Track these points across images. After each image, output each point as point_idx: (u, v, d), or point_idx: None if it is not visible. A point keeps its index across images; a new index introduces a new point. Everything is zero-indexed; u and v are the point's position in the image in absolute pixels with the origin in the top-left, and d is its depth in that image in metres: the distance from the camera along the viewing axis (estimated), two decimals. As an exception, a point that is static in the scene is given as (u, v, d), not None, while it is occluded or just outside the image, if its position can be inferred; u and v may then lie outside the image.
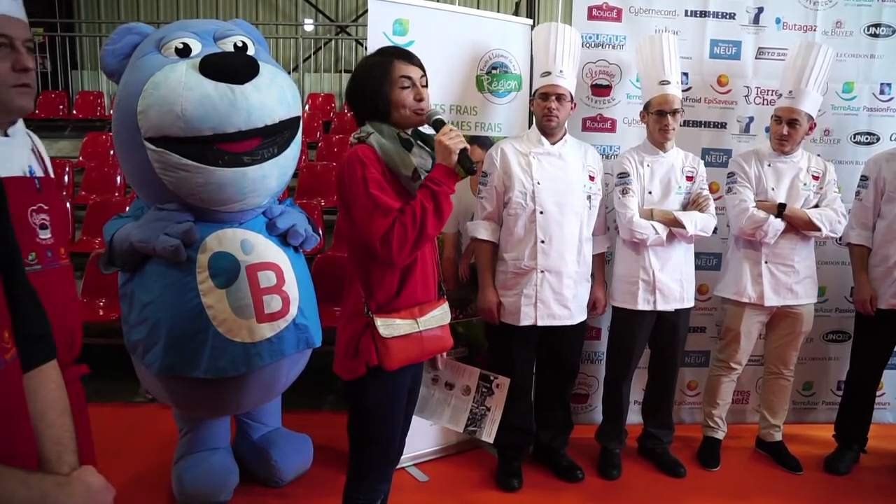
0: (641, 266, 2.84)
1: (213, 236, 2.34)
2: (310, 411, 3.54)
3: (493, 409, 2.50)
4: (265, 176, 2.34)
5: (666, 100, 2.80)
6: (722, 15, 3.21)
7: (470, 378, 2.49)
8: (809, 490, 2.96)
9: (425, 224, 1.74)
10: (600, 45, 3.13)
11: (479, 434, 2.51)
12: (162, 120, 2.16)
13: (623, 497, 2.85)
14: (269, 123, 2.27)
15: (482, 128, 3.02)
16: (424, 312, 1.88)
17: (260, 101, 2.23)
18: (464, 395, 2.48)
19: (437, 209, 1.75)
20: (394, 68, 1.83)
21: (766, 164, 2.97)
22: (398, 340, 1.81)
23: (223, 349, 2.29)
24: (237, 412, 2.70)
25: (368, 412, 1.89)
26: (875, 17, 3.30)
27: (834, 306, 3.47)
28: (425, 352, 1.90)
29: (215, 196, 2.29)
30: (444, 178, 1.77)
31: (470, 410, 2.49)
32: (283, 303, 2.42)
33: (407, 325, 1.83)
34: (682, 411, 3.47)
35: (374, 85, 1.82)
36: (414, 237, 1.73)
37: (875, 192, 3.02)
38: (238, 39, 2.40)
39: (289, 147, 2.41)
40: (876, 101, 3.36)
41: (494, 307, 2.74)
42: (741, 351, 3.06)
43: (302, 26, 8.46)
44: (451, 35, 2.86)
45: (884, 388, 3.42)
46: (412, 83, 1.83)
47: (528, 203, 2.68)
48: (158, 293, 2.27)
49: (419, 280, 1.88)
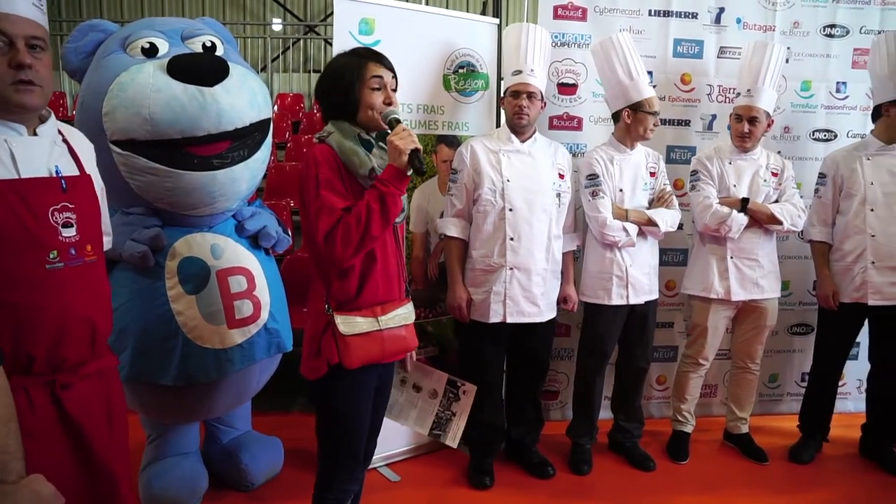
0: (614, 262, 2.88)
1: (182, 241, 2.31)
2: (280, 413, 3.52)
3: (459, 415, 2.50)
4: (235, 179, 2.32)
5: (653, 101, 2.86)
6: (685, 15, 3.27)
7: (437, 382, 2.49)
8: (775, 480, 3.03)
9: (370, 224, 1.72)
10: (566, 44, 3.16)
11: (444, 438, 2.52)
12: (129, 122, 2.12)
13: (593, 492, 2.88)
14: (240, 126, 2.25)
15: (450, 127, 3.02)
16: (386, 311, 1.87)
17: (230, 104, 2.20)
18: (431, 399, 2.48)
19: (383, 210, 1.74)
20: (366, 70, 1.83)
21: (727, 161, 3.03)
22: (358, 338, 1.80)
23: (193, 356, 2.26)
24: (207, 417, 2.67)
25: (333, 411, 1.88)
26: (830, 18, 3.39)
27: (798, 300, 3.55)
28: (387, 351, 1.88)
29: (184, 200, 2.26)
30: (392, 178, 1.76)
31: (436, 414, 2.50)
32: (255, 308, 2.41)
33: (367, 323, 1.82)
34: (651, 406, 3.52)
35: (345, 84, 1.82)
36: (358, 237, 1.72)
37: (833, 189, 3.10)
38: (207, 39, 2.37)
39: (259, 149, 2.39)
40: (833, 100, 3.45)
41: (464, 304, 2.75)
42: (708, 346, 3.11)
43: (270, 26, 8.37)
44: (417, 34, 2.86)
45: (845, 378, 3.51)
46: (383, 85, 1.84)
47: (498, 200, 2.70)
48: (125, 299, 2.23)
49: (381, 279, 1.87)
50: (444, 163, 2.97)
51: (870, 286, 2.97)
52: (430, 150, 2.98)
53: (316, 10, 9.76)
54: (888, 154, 3.00)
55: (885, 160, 3.00)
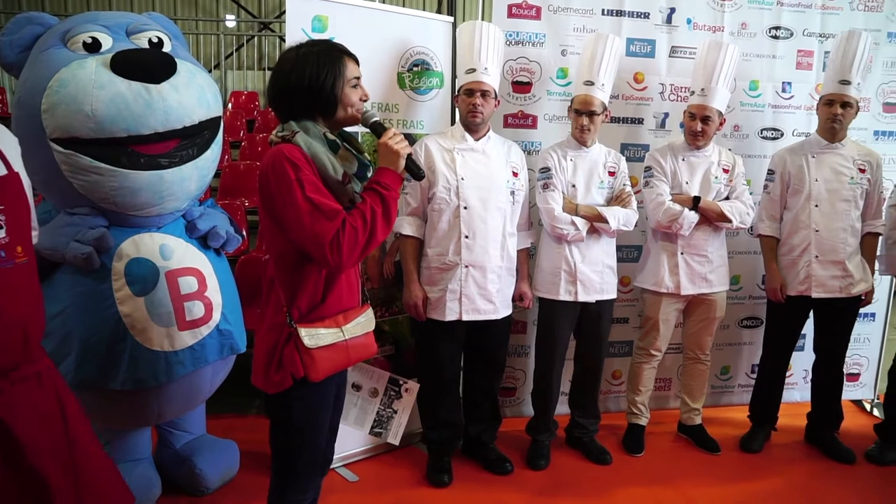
0: (563, 257, 2.90)
1: (129, 242, 2.25)
2: (235, 416, 3.46)
3: (401, 413, 2.50)
4: (184, 178, 2.27)
5: (584, 100, 2.87)
6: (637, 14, 3.31)
7: (378, 381, 2.48)
8: (727, 469, 3.11)
9: (375, 228, 1.69)
10: (520, 42, 3.18)
11: (385, 436, 2.51)
12: (70, 120, 2.05)
13: (551, 486, 2.91)
14: (188, 124, 2.20)
15: (405, 125, 3.01)
16: (349, 319, 1.82)
17: (178, 102, 2.16)
18: (371, 398, 2.48)
19: (385, 213, 1.72)
20: (346, 66, 1.76)
21: (680, 158, 3.08)
22: (323, 350, 1.74)
23: (142, 359, 2.21)
24: (159, 422, 2.61)
25: (294, 424, 1.80)
26: (775, 20, 3.48)
27: (747, 294, 3.64)
28: (351, 360, 1.84)
29: (131, 200, 2.20)
30: (392, 182, 1.74)
31: (376, 412, 2.49)
32: (206, 309, 2.36)
33: (332, 334, 1.76)
34: (609, 400, 3.57)
35: (325, 81, 1.72)
36: (364, 240, 1.68)
37: (781, 186, 3.18)
38: (153, 35, 2.31)
39: (209, 148, 2.35)
40: (779, 99, 3.54)
41: (420, 303, 2.74)
42: (660, 338, 3.17)
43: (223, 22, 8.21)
44: (371, 32, 2.84)
45: (792, 369, 3.61)
46: (358, 82, 1.80)
47: (453, 198, 2.70)
48: (69, 303, 2.17)
49: (344, 285, 1.82)
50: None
51: (813, 279, 3.07)
52: (385, 148, 2.96)
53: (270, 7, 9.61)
54: (832, 152, 3.10)
55: (829, 158, 3.10)
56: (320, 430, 1.86)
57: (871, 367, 3.84)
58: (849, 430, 3.40)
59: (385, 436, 2.50)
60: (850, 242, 3.07)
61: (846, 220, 3.06)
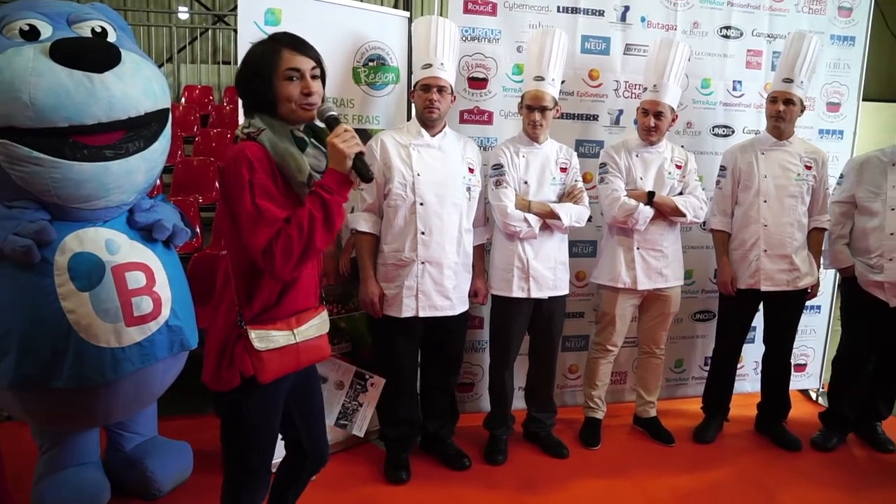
0: (516, 254, 2.91)
1: (72, 236, 2.18)
2: (189, 416, 3.39)
3: (366, 406, 2.50)
4: (131, 171, 2.22)
5: (535, 95, 2.88)
6: (592, 12, 3.34)
7: (344, 374, 2.49)
8: (680, 460, 3.17)
9: (313, 236, 1.61)
10: (476, 38, 3.17)
11: (350, 429, 2.52)
12: (6, 108, 1.98)
13: (509, 481, 2.92)
14: (134, 115, 2.15)
15: (360, 121, 2.98)
16: (302, 322, 1.77)
17: (123, 92, 2.10)
18: (336, 390, 2.48)
19: (326, 219, 1.61)
20: (281, 58, 1.66)
21: (634, 154, 3.12)
22: (274, 353, 1.70)
23: (87, 356, 2.14)
24: (107, 423, 2.54)
25: (244, 422, 1.77)
26: (726, 20, 3.55)
27: (700, 288, 3.71)
28: (302, 362, 1.79)
29: (74, 193, 2.13)
30: (336, 185, 1.63)
31: (342, 405, 2.49)
32: (154, 304, 2.30)
33: (283, 336, 1.72)
34: (565, 394, 3.60)
35: (261, 75, 1.66)
36: (300, 250, 1.60)
37: (732, 181, 3.25)
38: (96, 24, 2.24)
39: (157, 140, 2.29)
40: (730, 97, 3.61)
41: (376, 299, 2.72)
42: (617, 333, 3.21)
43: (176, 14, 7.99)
44: (325, 26, 2.80)
45: (743, 361, 3.70)
46: (300, 75, 1.68)
47: (409, 194, 2.69)
48: (8, 299, 2.09)
49: (301, 288, 1.78)
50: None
51: (762, 273, 3.14)
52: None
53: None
54: (780, 149, 3.18)
55: (777, 155, 3.18)
56: (271, 430, 1.84)
57: (816, 358, 3.96)
58: (796, 419, 3.50)
59: (350, 428, 2.51)
60: (797, 237, 3.16)
61: (793, 215, 3.15)
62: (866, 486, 2.99)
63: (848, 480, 3.02)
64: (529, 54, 2.98)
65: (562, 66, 2.97)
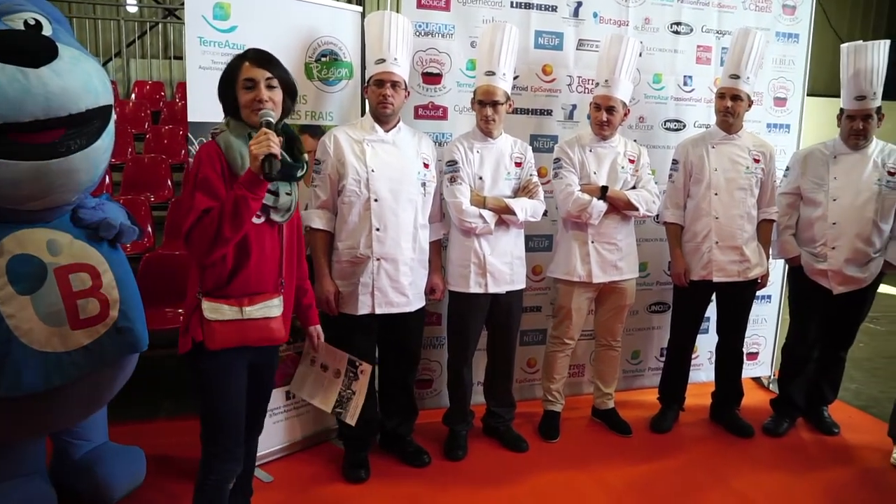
0: (472, 250, 2.91)
1: (10, 238, 2.09)
2: (143, 421, 3.31)
3: (358, 394, 2.54)
4: (73, 170, 2.13)
5: (486, 90, 2.88)
6: (545, 7, 3.36)
7: (340, 362, 2.55)
8: (638, 450, 3.23)
9: (222, 226, 1.82)
10: (430, 33, 3.16)
11: (344, 416, 2.58)
12: (-68, 105, 1.88)
13: (469, 476, 2.93)
14: (74, 112, 2.05)
15: (313, 117, 2.95)
16: (254, 303, 1.98)
17: (61, 88, 2.01)
18: (335, 378, 2.55)
19: (234, 213, 1.81)
20: (241, 70, 1.95)
21: (587, 149, 3.15)
22: (221, 324, 1.93)
23: (29, 362, 2.05)
24: (54, 430, 2.46)
25: (201, 387, 2.01)
26: (676, 16, 3.60)
27: (655, 280, 3.77)
28: (248, 338, 1.98)
29: (12, 192, 2.04)
30: (247, 182, 1.83)
31: (339, 393, 2.53)
32: (102, 306, 2.23)
33: (232, 311, 1.94)
34: (524, 388, 3.62)
35: (227, 84, 1.97)
36: (210, 237, 1.82)
37: (684, 175, 3.31)
38: (29, 16, 2.13)
39: (100, 138, 2.21)
40: (681, 92, 3.68)
41: (332, 297, 2.70)
42: (573, 327, 3.24)
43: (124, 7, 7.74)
44: (276, 21, 2.76)
45: (698, 351, 3.77)
46: (254, 84, 1.93)
47: (363, 191, 2.67)
48: (-58, 305, 2.00)
49: (253, 272, 1.97)
50: (308, 153, 2.87)
51: (714, 264, 3.21)
52: (293, 139, 2.89)
53: (176, -8, 9.20)
54: (729, 143, 3.25)
55: (727, 149, 3.24)
56: (228, 398, 2.02)
57: (768, 346, 4.06)
58: (749, 406, 3.60)
59: (344, 416, 2.55)
60: (746, 229, 3.23)
61: (743, 207, 3.21)
62: (813, 468, 3.09)
63: (796, 464, 3.12)
64: (480, 49, 2.97)
65: (513, 61, 2.98)
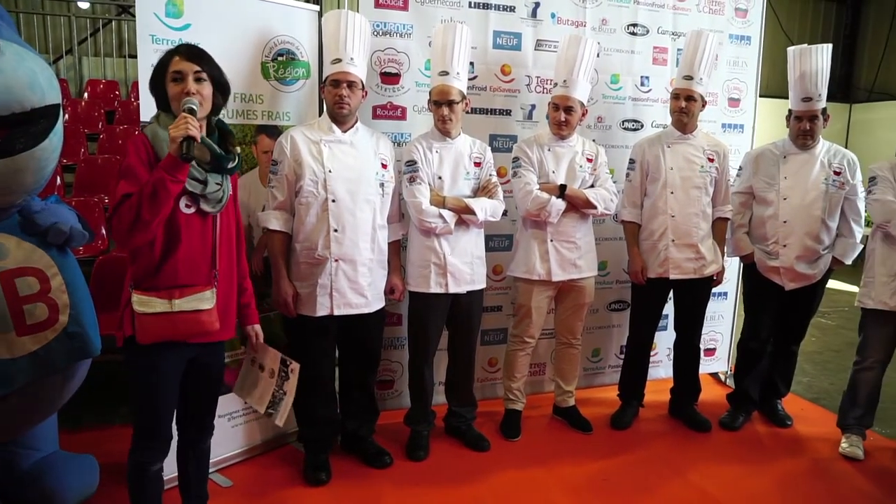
0: (432, 250, 2.91)
1: (-48, 241, 2.03)
2: (97, 428, 3.23)
3: (288, 395, 2.50)
4: (18, 171, 2.06)
5: (441, 90, 2.89)
6: (503, 8, 3.37)
7: (273, 361, 2.49)
8: (598, 446, 3.26)
9: (140, 209, 1.84)
10: (388, 33, 3.15)
11: (275, 417, 2.54)
12: None
13: (430, 476, 2.93)
14: (18, 111, 1.99)
15: (270, 117, 2.91)
16: (184, 295, 1.98)
17: (4, 86, 1.95)
18: (270, 378, 2.50)
19: (152, 195, 1.84)
20: (170, 64, 1.98)
21: (546, 148, 3.17)
22: (151, 318, 1.93)
23: (-28, 369, 2.00)
24: (2, 440, 2.38)
25: (131, 379, 2.04)
26: (633, 17, 3.66)
27: (615, 278, 3.82)
28: (179, 332, 1.99)
29: (-47, 195, 1.98)
30: (167, 165, 1.86)
31: (272, 393, 2.50)
32: (50, 311, 2.17)
33: (161, 304, 1.95)
34: (485, 387, 3.63)
35: (155, 80, 2.01)
36: (130, 220, 1.85)
37: (641, 174, 3.36)
38: (-33, 12, 2.08)
39: (46, 138, 2.14)
40: (638, 92, 3.73)
41: (290, 299, 2.67)
42: (533, 325, 3.26)
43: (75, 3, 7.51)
44: (231, 19, 2.72)
45: (657, 348, 3.83)
46: (182, 77, 1.96)
47: (320, 191, 2.64)
48: None
49: (182, 263, 1.99)
50: (265, 154, 2.85)
51: (671, 262, 3.27)
52: (249, 140, 2.86)
53: (131, -11, 8.99)
54: (684, 143, 3.31)
55: (682, 148, 3.30)
56: (156, 393, 2.05)
57: (724, 342, 4.15)
58: (707, 401, 3.66)
59: (275, 417, 2.52)
60: (702, 227, 3.29)
61: (698, 205, 3.28)
62: (767, 460, 3.17)
63: (752, 456, 3.19)
64: (434, 50, 2.97)
65: (466, 61, 2.98)
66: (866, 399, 3.22)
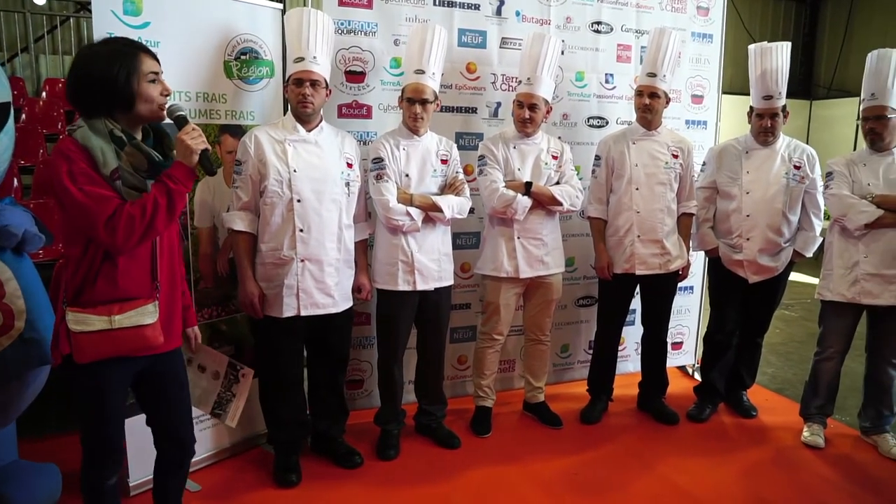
0: (400, 248, 2.91)
1: None
2: (60, 435, 3.15)
3: (238, 397, 2.52)
4: (-33, 172, 2.02)
5: (416, 88, 2.88)
6: (467, 6, 3.38)
7: (220, 364, 2.49)
8: (568, 441, 3.29)
9: (156, 218, 1.79)
10: (352, 31, 3.13)
11: (224, 418, 2.57)
12: None
13: (401, 475, 2.92)
14: (-33, 111, 1.96)
15: (233, 116, 2.87)
16: (124, 310, 1.83)
17: (-47, 85, 1.91)
18: (213, 380, 2.51)
19: (169, 206, 1.81)
20: (141, 62, 1.82)
21: (511, 146, 3.19)
22: (89, 336, 1.79)
23: (-74, 378, 1.95)
24: (-42, 450, 2.32)
25: (74, 398, 1.90)
26: (597, 15, 3.69)
27: (582, 274, 3.85)
28: (120, 349, 1.84)
29: None
30: (182, 177, 1.84)
31: (217, 395, 2.49)
32: (5, 317, 2.14)
33: (100, 321, 1.79)
34: (455, 385, 3.64)
35: (118, 77, 1.78)
36: (142, 229, 1.77)
37: (607, 170, 3.39)
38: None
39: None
40: (603, 90, 3.76)
41: (256, 300, 2.64)
42: (502, 322, 3.28)
43: None
44: (192, 17, 2.67)
45: (625, 342, 3.88)
46: (157, 77, 1.86)
47: (285, 191, 2.62)
48: None
49: (121, 275, 1.84)
50: (229, 154, 2.81)
51: (636, 257, 3.30)
52: (212, 140, 2.81)
53: (90, -14, 8.77)
54: (649, 139, 3.35)
55: (647, 144, 3.34)
56: (102, 410, 1.91)
57: (691, 336, 4.21)
58: (675, 394, 3.71)
59: (223, 418, 2.53)
60: (667, 222, 3.33)
61: (663, 201, 3.31)
62: (733, 450, 3.23)
63: (718, 447, 3.25)
64: (409, 48, 2.97)
65: (441, 61, 2.98)
66: (826, 389, 3.30)
